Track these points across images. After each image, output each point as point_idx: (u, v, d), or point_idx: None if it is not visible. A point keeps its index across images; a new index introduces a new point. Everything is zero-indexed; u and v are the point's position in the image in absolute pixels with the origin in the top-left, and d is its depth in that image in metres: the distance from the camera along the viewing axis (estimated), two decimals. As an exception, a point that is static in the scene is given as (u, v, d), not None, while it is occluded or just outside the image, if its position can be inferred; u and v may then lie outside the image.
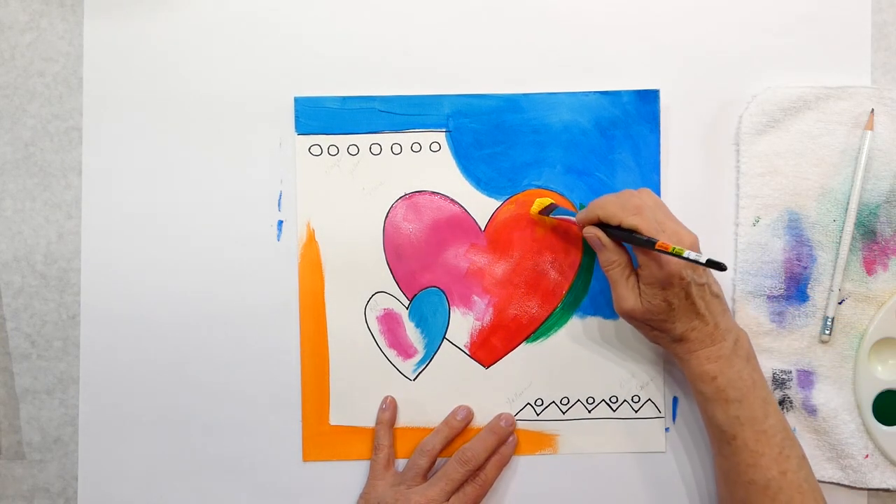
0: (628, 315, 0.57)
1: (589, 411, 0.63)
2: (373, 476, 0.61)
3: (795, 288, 0.62)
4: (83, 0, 0.63)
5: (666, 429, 0.63)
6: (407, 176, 0.63)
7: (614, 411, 0.63)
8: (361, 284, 0.63)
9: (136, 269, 0.63)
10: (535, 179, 0.63)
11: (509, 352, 0.63)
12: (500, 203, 0.63)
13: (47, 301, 0.63)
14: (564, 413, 0.63)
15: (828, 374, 0.62)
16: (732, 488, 0.56)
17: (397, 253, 0.63)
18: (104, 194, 0.63)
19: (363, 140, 0.63)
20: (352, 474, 0.63)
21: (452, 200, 0.63)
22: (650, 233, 0.54)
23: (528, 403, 0.63)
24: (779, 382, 0.62)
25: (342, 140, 0.63)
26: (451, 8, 0.63)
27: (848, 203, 0.61)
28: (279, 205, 0.63)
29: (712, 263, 0.50)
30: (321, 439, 0.63)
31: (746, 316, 0.62)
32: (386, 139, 0.63)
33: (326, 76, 0.63)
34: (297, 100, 0.63)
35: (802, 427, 0.62)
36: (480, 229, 0.63)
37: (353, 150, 0.63)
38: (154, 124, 0.63)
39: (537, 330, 0.63)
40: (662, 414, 0.63)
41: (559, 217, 0.61)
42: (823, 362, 0.62)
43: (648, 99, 0.62)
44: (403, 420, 0.63)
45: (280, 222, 0.63)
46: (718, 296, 0.57)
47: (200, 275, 0.63)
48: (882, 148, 0.62)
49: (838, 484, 0.62)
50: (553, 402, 0.63)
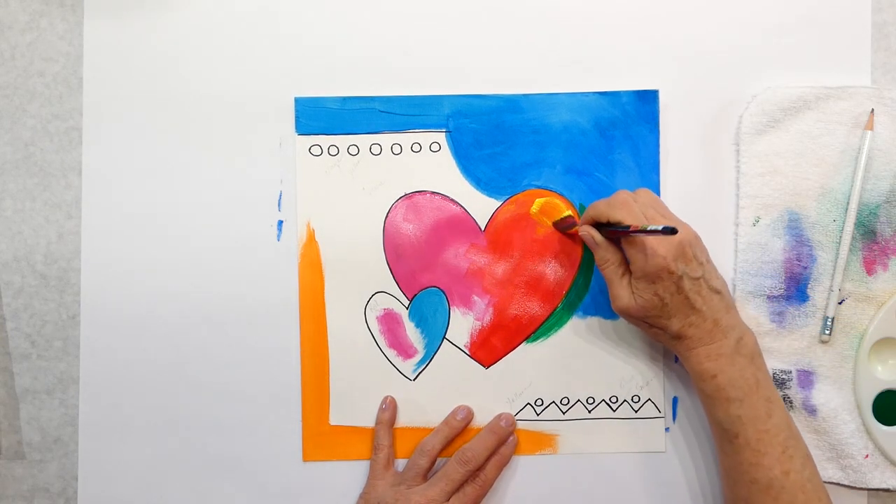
0: (624, 313, 0.57)
1: (589, 411, 0.63)
2: (373, 476, 0.61)
3: (795, 288, 0.62)
4: (83, 0, 0.63)
5: (666, 429, 0.63)
6: (407, 176, 0.63)
7: (614, 411, 0.63)
8: (361, 284, 0.63)
9: (136, 269, 0.63)
10: (535, 179, 0.63)
11: (509, 352, 0.63)
12: (500, 203, 0.63)
13: (47, 301, 0.63)
14: (564, 413, 0.63)
15: (828, 374, 0.62)
16: (735, 487, 0.56)
17: (397, 253, 0.63)
18: (104, 194, 0.63)
19: (363, 140, 0.63)
20: (352, 474, 0.63)
21: (452, 200, 0.63)
22: (634, 223, 0.54)
23: (528, 403, 0.63)
24: (779, 382, 0.62)
25: (342, 140, 0.63)
26: (451, 8, 0.63)
27: (848, 203, 0.61)
28: (279, 205, 0.63)
29: (666, 230, 0.50)
30: (321, 439, 0.63)
31: (746, 316, 0.62)
32: (386, 139, 0.63)
33: (326, 76, 0.63)
34: (298, 100, 0.63)
35: (802, 427, 0.62)
36: (480, 229, 0.63)
37: (354, 151, 0.63)
38: (154, 124, 0.63)
39: (537, 330, 0.63)
40: (662, 414, 0.63)
41: (570, 230, 0.62)
42: (823, 362, 0.62)
43: (648, 99, 0.62)
44: (403, 420, 0.63)
45: (280, 222, 0.63)
46: (719, 291, 0.56)
47: (200, 275, 0.63)
48: (882, 148, 0.62)
49: (838, 484, 0.62)
50: (553, 402, 0.63)
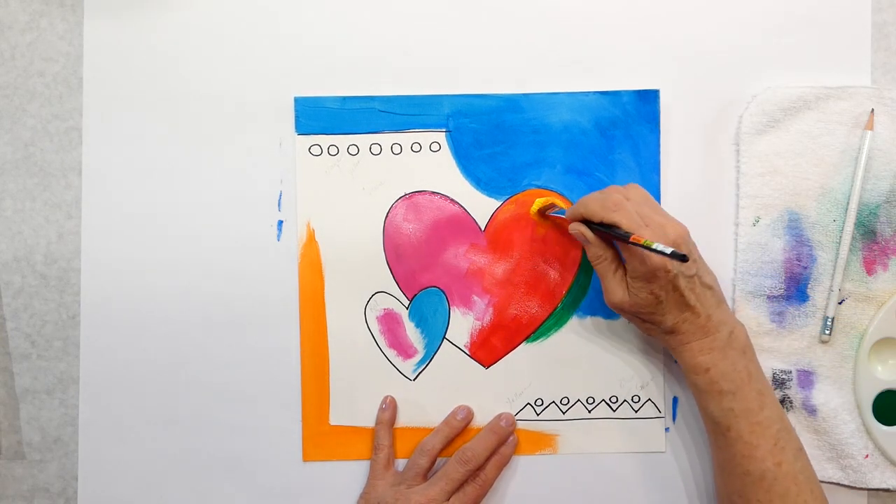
0: (618, 308, 0.57)
1: (589, 411, 0.63)
2: (373, 476, 0.61)
3: (795, 288, 0.62)
4: (83, 0, 0.63)
5: (666, 429, 0.63)
6: (407, 176, 0.63)
7: (614, 411, 0.63)
8: (361, 284, 0.63)
9: (136, 270, 0.63)
10: (535, 179, 0.63)
11: (509, 352, 0.63)
12: (500, 203, 0.63)
13: (47, 301, 0.63)
14: (564, 413, 0.63)
15: (828, 374, 0.62)
16: (728, 479, 0.56)
17: (397, 253, 0.63)
18: (104, 194, 0.63)
19: (363, 140, 0.63)
20: (352, 474, 0.63)
21: (452, 200, 0.63)
22: (631, 228, 0.54)
23: (528, 403, 0.63)
24: (779, 382, 0.62)
25: (342, 140, 0.63)
26: (451, 8, 0.63)
27: (848, 203, 0.61)
28: (279, 205, 0.63)
29: (675, 255, 0.50)
30: (321, 439, 0.63)
31: (746, 316, 0.62)
32: (386, 139, 0.63)
33: (326, 76, 0.63)
34: (297, 100, 0.63)
35: (802, 427, 0.62)
36: (480, 229, 0.63)
37: (353, 150, 0.63)
38: (154, 124, 0.63)
39: (537, 330, 0.63)
40: (662, 414, 0.63)
41: (555, 215, 0.62)
42: (823, 362, 0.62)
43: (648, 99, 0.62)
44: (403, 420, 0.63)
45: (280, 222, 0.63)
46: (711, 287, 0.56)
47: (200, 275, 0.63)
48: (882, 148, 0.62)
49: (838, 484, 0.62)
50: (553, 402, 0.63)
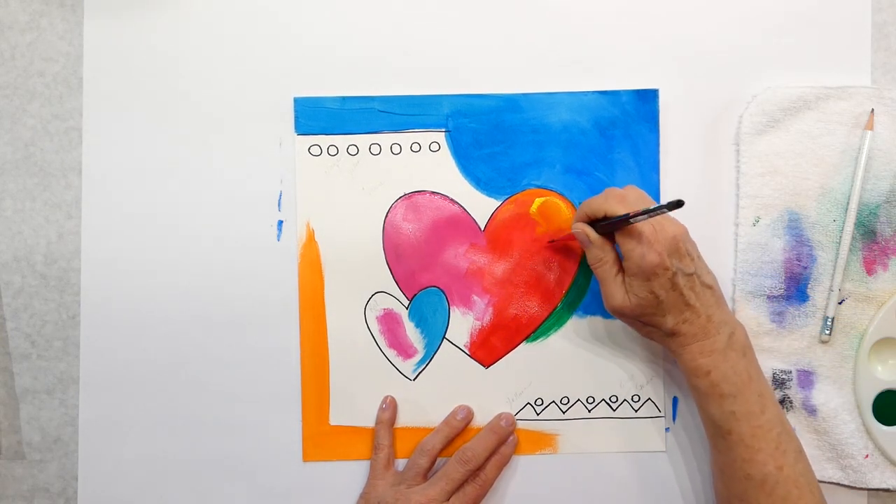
0: (618, 312, 0.57)
1: (589, 411, 0.63)
2: (373, 476, 0.61)
3: (795, 288, 0.62)
4: (83, 0, 0.63)
5: (666, 429, 0.63)
6: (406, 176, 0.63)
7: (614, 411, 0.63)
8: (361, 284, 0.63)
9: (136, 270, 0.63)
10: (535, 179, 0.63)
11: (509, 351, 0.63)
12: (500, 203, 0.63)
13: (47, 301, 0.63)
14: (564, 413, 0.63)
15: (828, 374, 0.62)
16: (729, 483, 0.56)
17: (397, 253, 0.63)
18: (104, 194, 0.63)
19: (363, 140, 0.63)
20: (352, 474, 0.63)
21: (452, 200, 0.63)
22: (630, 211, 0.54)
23: (528, 403, 0.63)
24: (779, 382, 0.62)
25: (342, 140, 0.63)
26: (451, 8, 0.63)
27: (848, 203, 0.61)
28: (279, 205, 0.63)
29: (672, 204, 0.49)
30: (321, 439, 0.63)
31: (746, 316, 0.62)
32: (385, 139, 0.63)
33: (326, 76, 0.63)
34: (297, 100, 0.63)
35: (802, 427, 0.62)
36: (480, 229, 0.63)
37: (353, 151, 0.63)
38: (154, 124, 0.63)
39: (537, 330, 0.63)
40: (662, 414, 0.63)
41: (562, 238, 0.62)
42: (823, 362, 0.62)
43: (648, 98, 0.62)
44: (403, 420, 0.63)
45: (280, 222, 0.63)
46: (711, 286, 0.56)
47: (200, 275, 0.63)
48: (882, 148, 0.62)
49: (838, 484, 0.62)
50: (553, 402, 0.63)
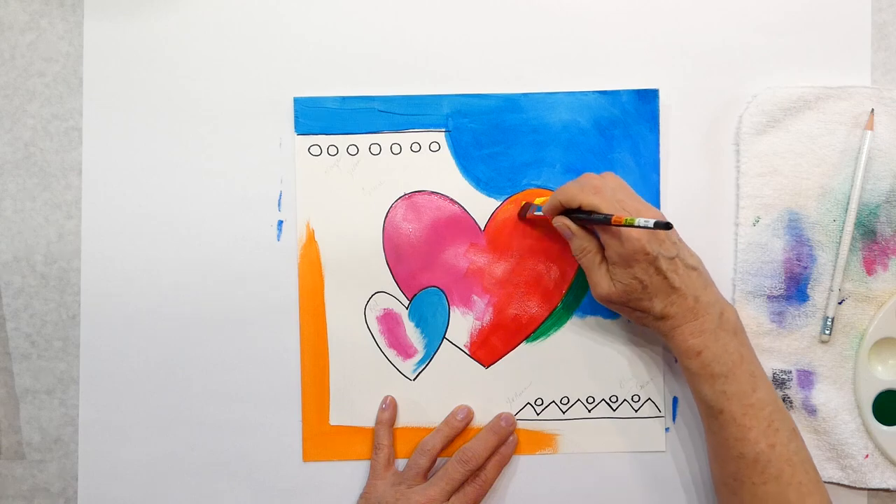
0: (606, 299, 0.56)
1: (589, 411, 0.63)
2: (373, 476, 0.61)
3: (795, 288, 0.62)
4: (83, 0, 0.63)
5: (666, 429, 0.63)
6: (406, 176, 0.63)
7: (614, 411, 0.63)
8: (361, 284, 0.63)
9: (136, 270, 0.63)
10: (535, 179, 0.63)
11: (509, 351, 0.63)
12: (500, 203, 0.63)
13: (47, 301, 0.63)
14: (564, 413, 0.63)
15: (828, 374, 0.62)
16: (722, 463, 0.56)
17: (397, 253, 0.63)
18: (104, 194, 0.63)
19: (363, 140, 0.63)
20: (352, 474, 0.63)
21: (452, 200, 0.63)
22: (610, 211, 0.54)
23: (528, 403, 0.63)
24: (779, 382, 0.62)
25: (342, 140, 0.63)
26: (451, 8, 0.63)
27: (848, 203, 0.61)
28: (279, 205, 0.63)
29: (659, 225, 0.49)
30: (321, 439, 0.63)
31: (746, 316, 0.62)
32: (385, 139, 0.63)
33: (326, 76, 0.63)
34: (297, 100, 0.63)
35: (802, 427, 0.62)
36: (480, 229, 0.63)
37: (353, 150, 0.63)
38: (154, 124, 0.63)
39: (537, 329, 0.63)
40: (662, 413, 0.63)
41: (535, 215, 0.61)
42: (823, 362, 0.62)
43: (648, 98, 0.62)
44: (403, 420, 0.63)
45: (280, 222, 0.63)
46: (695, 268, 0.56)
47: (200, 275, 0.63)
48: (882, 148, 0.62)
49: (838, 484, 0.62)
50: (553, 402, 0.63)
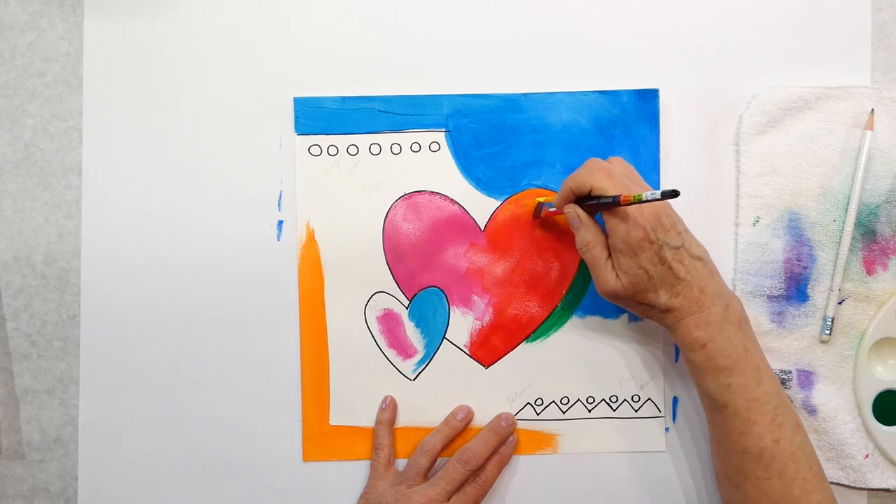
0: (612, 295, 0.56)
1: (589, 411, 0.63)
2: (373, 476, 0.61)
3: (795, 288, 0.62)
4: (83, 0, 0.63)
5: (666, 429, 0.63)
6: (406, 176, 0.63)
7: (614, 411, 0.63)
8: (361, 284, 0.63)
9: (137, 270, 0.63)
10: (535, 179, 0.63)
11: (509, 351, 0.63)
12: (500, 203, 0.63)
13: (47, 301, 0.63)
14: (564, 413, 0.63)
15: (828, 374, 0.62)
16: (726, 457, 0.55)
17: (397, 253, 0.63)
18: (104, 194, 0.63)
19: (363, 140, 0.63)
20: (352, 474, 0.63)
21: (452, 200, 0.63)
22: (619, 192, 0.53)
23: (528, 403, 0.63)
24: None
25: (342, 140, 0.63)
26: (451, 8, 0.63)
27: (848, 203, 0.61)
28: (279, 205, 0.63)
29: (666, 194, 0.49)
30: (321, 439, 0.63)
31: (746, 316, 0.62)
32: (385, 139, 0.63)
33: (326, 76, 0.63)
34: (297, 100, 0.63)
35: (802, 427, 0.62)
36: (480, 229, 0.63)
37: (353, 151, 0.63)
38: (154, 124, 0.63)
39: (537, 329, 0.63)
40: (662, 414, 0.63)
41: (549, 211, 0.61)
42: (823, 362, 0.62)
43: (648, 98, 0.62)
44: (403, 420, 0.63)
45: (280, 222, 0.63)
46: (701, 258, 0.55)
47: (200, 275, 0.63)
48: (882, 148, 0.62)
49: (838, 484, 0.62)
50: (553, 402, 0.63)
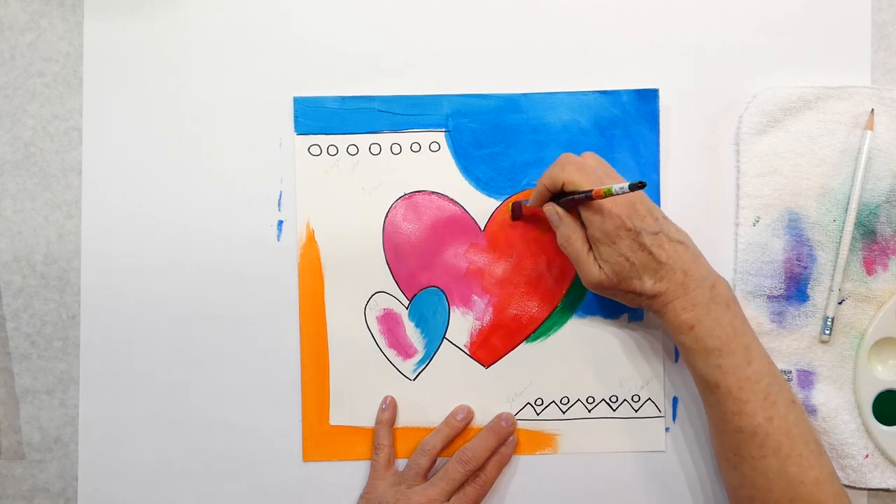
0: (597, 286, 0.56)
1: (589, 411, 0.63)
2: (373, 476, 0.61)
3: (795, 288, 0.62)
4: (83, 0, 0.63)
5: (666, 428, 0.63)
6: (406, 176, 0.63)
7: (614, 411, 0.63)
8: (361, 284, 0.63)
9: (136, 270, 0.63)
10: (535, 179, 0.63)
11: (509, 351, 0.63)
12: (500, 203, 0.63)
13: (47, 301, 0.63)
14: (564, 413, 0.63)
15: (828, 374, 0.62)
16: (721, 437, 0.55)
17: (397, 253, 0.63)
18: (104, 194, 0.63)
19: (363, 140, 0.63)
20: (352, 474, 0.63)
21: (452, 200, 0.63)
22: (591, 186, 0.54)
23: (528, 403, 0.63)
24: (779, 382, 0.62)
25: (342, 140, 0.63)
26: (451, 8, 0.63)
27: (848, 203, 0.61)
28: (279, 205, 0.63)
29: (634, 186, 0.50)
30: (321, 439, 0.63)
31: (747, 316, 0.61)
32: (385, 139, 0.63)
33: (326, 76, 0.63)
34: (297, 100, 0.63)
35: (802, 427, 0.62)
36: (480, 229, 0.63)
37: (353, 150, 0.63)
38: (154, 124, 0.63)
39: (537, 329, 0.63)
40: (662, 413, 0.63)
41: (528, 208, 0.61)
42: (823, 362, 0.62)
43: (648, 98, 0.62)
44: (403, 420, 0.63)
45: (280, 222, 0.63)
46: (682, 242, 0.55)
47: (200, 275, 0.63)
48: (882, 148, 0.62)
49: (838, 484, 0.62)
50: (553, 402, 0.63)
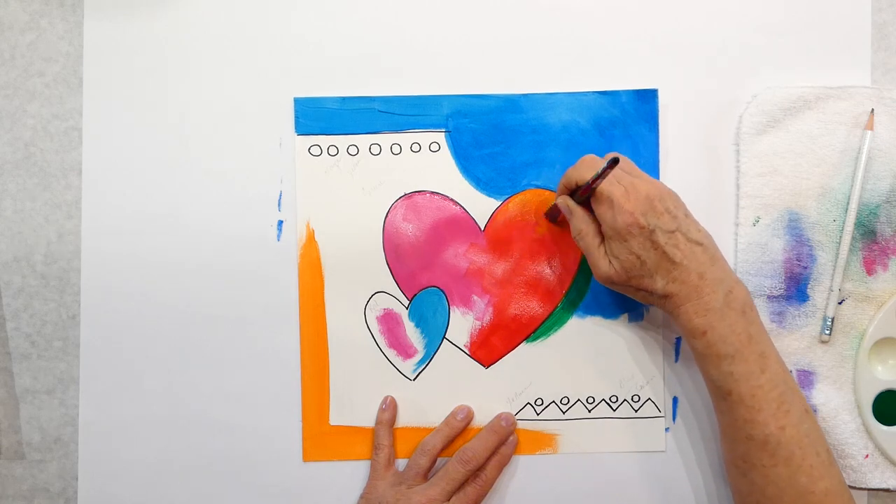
0: (607, 280, 0.56)
1: (589, 411, 0.63)
2: (373, 476, 0.61)
3: (795, 288, 0.62)
4: (83, 0, 0.63)
5: (666, 429, 0.63)
6: (406, 176, 0.63)
7: (614, 411, 0.63)
8: (361, 284, 0.63)
9: (136, 269, 0.63)
10: (535, 179, 0.63)
11: (509, 351, 0.63)
12: (500, 203, 0.63)
13: (47, 301, 0.63)
14: (564, 413, 0.63)
15: (828, 374, 0.62)
16: (732, 444, 0.55)
17: (397, 253, 0.63)
18: (104, 194, 0.63)
19: (363, 140, 0.63)
20: (352, 474, 0.63)
21: (452, 200, 0.63)
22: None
23: (528, 403, 0.63)
24: (779, 382, 0.62)
25: (342, 140, 0.63)
26: (451, 8, 0.63)
27: (848, 203, 0.61)
28: (279, 205, 0.63)
29: (610, 162, 0.51)
30: (321, 439, 0.63)
31: (746, 316, 0.62)
32: (385, 139, 0.63)
33: (326, 76, 0.63)
34: (297, 100, 0.63)
35: (802, 427, 0.62)
36: (480, 229, 0.63)
37: (353, 151, 0.63)
38: (154, 124, 0.63)
39: (537, 329, 0.63)
40: (662, 413, 0.63)
41: (555, 210, 0.61)
42: (823, 362, 0.62)
43: (647, 98, 0.62)
44: (403, 420, 0.63)
45: (280, 222, 0.63)
46: (701, 243, 0.54)
47: (200, 275, 0.63)
48: (882, 148, 0.62)
49: (838, 484, 0.62)
50: (553, 402, 0.63)
